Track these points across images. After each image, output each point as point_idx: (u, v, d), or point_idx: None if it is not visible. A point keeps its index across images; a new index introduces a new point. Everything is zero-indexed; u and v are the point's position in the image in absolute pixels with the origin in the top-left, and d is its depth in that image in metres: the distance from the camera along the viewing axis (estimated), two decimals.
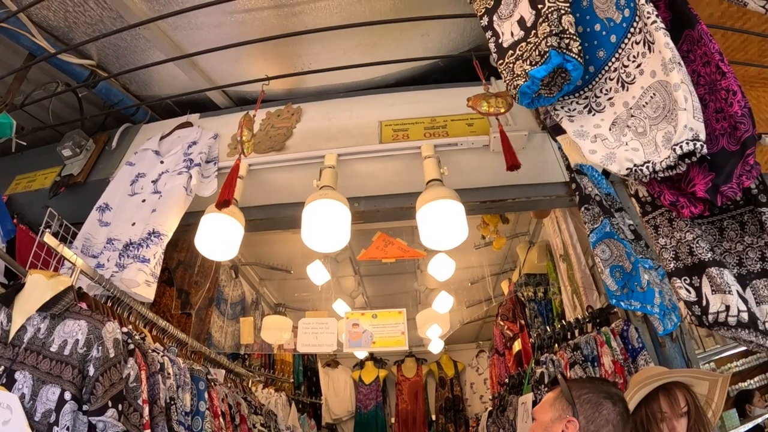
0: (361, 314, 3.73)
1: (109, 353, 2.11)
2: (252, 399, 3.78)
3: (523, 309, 5.13)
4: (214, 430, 2.74)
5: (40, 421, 1.96)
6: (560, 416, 1.83)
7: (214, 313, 4.59)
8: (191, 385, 2.73)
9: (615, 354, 2.81)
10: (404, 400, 8.21)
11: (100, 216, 3.12)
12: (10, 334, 2.16)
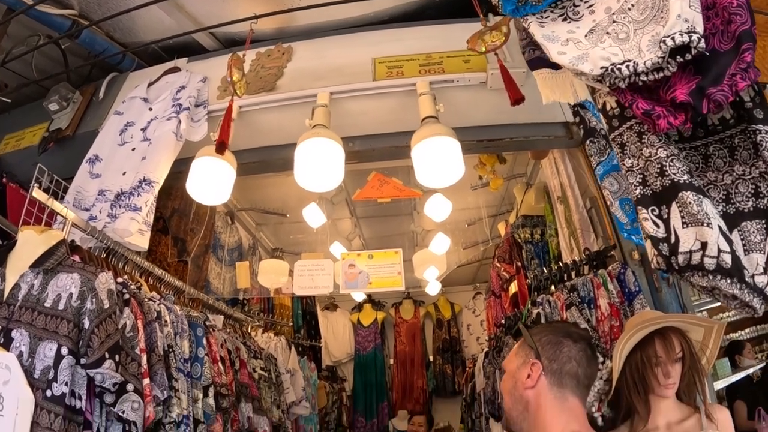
0: (357, 255, 3.69)
1: (103, 304, 2.08)
2: (251, 343, 3.77)
3: (519, 251, 5.10)
4: (213, 376, 2.73)
5: (40, 378, 1.95)
6: (524, 361, 1.84)
7: (211, 259, 4.57)
8: (189, 331, 2.71)
9: (611, 297, 2.78)
10: (402, 341, 8.30)
11: (91, 168, 3.06)
12: (4, 294, 2.14)
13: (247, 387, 3.17)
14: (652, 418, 2.22)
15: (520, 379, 1.81)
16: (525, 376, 1.79)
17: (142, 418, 2.10)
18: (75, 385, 1.98)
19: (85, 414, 2.02)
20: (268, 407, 3.46)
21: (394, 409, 8.00)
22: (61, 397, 1.92)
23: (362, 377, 8.09)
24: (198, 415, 2.56)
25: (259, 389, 3.37)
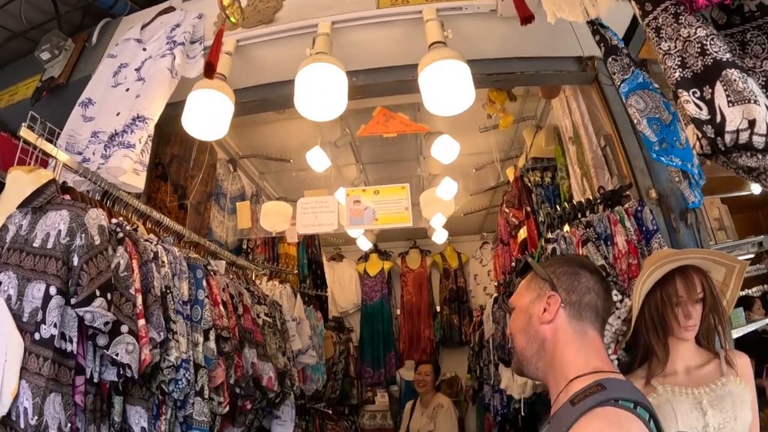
0: (363, 191, 3.57)
1: (93, 240, 1.98)
2: (255, 289, 3.67)
3: (529, 195, 4.96)
4: (214, 319, 2.63)
5: (28, 321, 1.88)
6: (539, 295, 1.69)
7: (213, 207, 4.47)
8: (188, 274, 2.60)
9: (629, 234, 2.66)
10: (409, 291, 8.22)
11: (84, 111, 2.97)
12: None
13: (251, 333, 3.08)
14: (671, 362, 2.13)
15: (535, 314, 1.67)
16: (541, 310, 1.65)
17: (137, 361, 2.01)
18: (65, 327, 1.90)
19: (77, 358, 1.94)
20: (273, 354, 3.37)
21: (401, 360, 7.98)
22: (49, 339, 1.84)
23: (369, 327, 8.05)
24: (199, 360, 2.46)
25: (263, 335, 3.28)
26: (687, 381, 2.11)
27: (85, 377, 2.00)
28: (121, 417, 2.20)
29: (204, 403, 2.46)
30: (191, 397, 2.42)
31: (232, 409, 3.02)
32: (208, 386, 2.51)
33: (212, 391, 2.60)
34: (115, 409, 2.17)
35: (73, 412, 1.94)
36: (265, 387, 3.10)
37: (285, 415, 4.00)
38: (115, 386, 2.18)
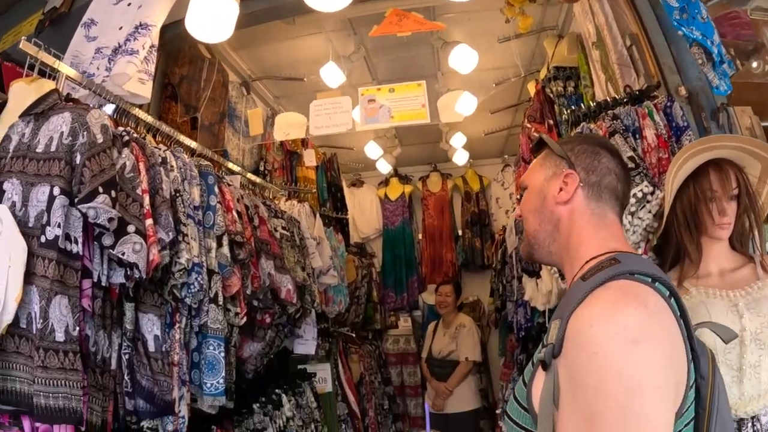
0: (377, 89, 3.44)
1: (96, 138, 1.91)
2: (272, 204, 3.59)
3: (551, 107, 4.76)
4: (227, 224, 2.54)
5: (34, 225, 1.85)
6: (555, 173, 1.52)
7: (227, 130, 4.37)
8: (199, 180, 2.50)
9: (658, 128, 2.51)
10: (430, 215, 8.10)
11: (86, 32, 2.86)
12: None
13: (268, 244, 2.99)
14: (704, 264, 2.04)
15: (550, 193, 1.50)
16: (557, 189, 1.49)
17: (144, 260, 1.95)
18: (69, 228, 1.84)
19: (83, 260, 1.89)
20: (292, 267, 3.29)
21: (423, 284, 7.92)
22: (53, 240, 1.79)
23: (391, 252, 7.97)
24: (212, 266, 2.39)
25: (281, 248, 3.20)
26: (721, 283, 2.01)
27: (92, 281, 1.96)
28: (134, 325, 2.17)
29: (219, 310, 2.40)
30: (205, 304, 2.37)
31: (251, 324, 3.00)
32: (223, 294, 2.46)
33: (228, 301, 2.55)
34: (127, 317, 2.14)
35: (82, 317, 1.90)
36: (284, 300, 3.04)
37: (307, 334, 3.97)
38: (125, 292, 2.14)
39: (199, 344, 2.46)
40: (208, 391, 2.45)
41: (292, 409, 3.53)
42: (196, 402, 2.52)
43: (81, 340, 1.91)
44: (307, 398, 3.92)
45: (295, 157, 5.47)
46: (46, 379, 1.75)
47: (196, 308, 2.38)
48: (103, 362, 2.05)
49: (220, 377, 2.45)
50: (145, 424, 2.31)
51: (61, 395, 1.77)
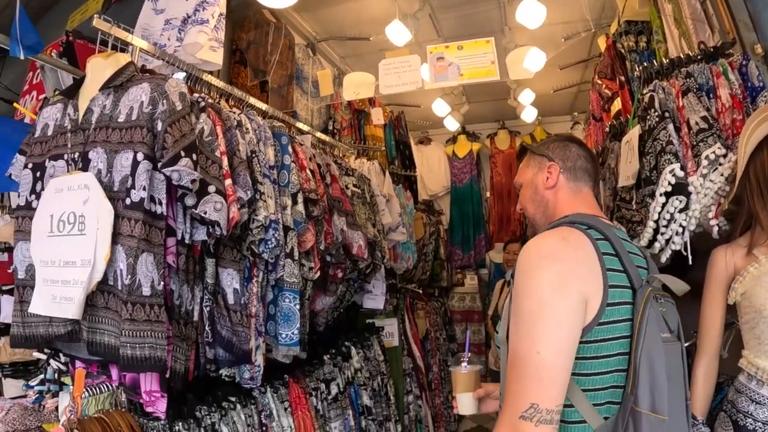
0: (446, 47, 3.43)
1: (175, 106, 1.98)
2: (342, 162, 3.66)
3: (622, 63, 4.62)
4: (301, 182, 2.63)
5: (119, 189, 1.95)
6: (540, 168, 1.95)
7: (296, 91, 4.44)
8: (273, 140, 2.58)
9: (733, 87, 2.43)
10: (498, 173, 8.04)
11: (154, 5, 2.92)
12: (78, 121, 2.12)
13: (340, 201, 3.07)
14: None
15: (539, 183, 1.92)
16: (544, 179, 1.91)
17: (225, 218, 2.05)
18: (153, 190, 1.94)
19: (167, 220, 1.99)
20: (363, 223, 3.37)
21: (491, 242, 7.95)
22: (139, 202, 1.90)
23: (459, 210, 7.97)
24: (288, 222, 2.49)
25: (352, 205, 3.27)
26: None
27: (177, 238, 2.07)
28: (214, 279, 2.28)
29: (294, 264, 2.50)
30: (281, 259, 2.46)
31: (324, 278, 3.09)
32: (298, 250, 2.55)
33: (303, 256, 2.64)
34: (208, 272, 2.25)
35: (167, 273, 2.02)
36: (355, 255, 3.12)
37: (376, 290, 4.06)
38: (207, 249, 2.24)
39: (275, 297, 2.58)
40: (283, 341, 2.57)
41: (360, 362, 3.64)
42: (271, 352, 2.65)
43: (166, 294, 2.02)
44: (375, 351, 4.03)
45: (362, 116, 5.51)
46: (134, 331, 1.87)
47: (273, 263, 2.48)
48: (186, 314, 2.18)
49: (294, 328, 2.56)
50: (224, 371, 2.46)
51: (147, 345, 1.88)
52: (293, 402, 2.85)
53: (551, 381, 1.39)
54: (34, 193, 2.19)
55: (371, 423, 3.52)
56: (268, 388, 2.74)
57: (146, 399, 2.10)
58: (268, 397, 2.71)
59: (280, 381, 2.87)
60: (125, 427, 2.16)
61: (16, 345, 2.20)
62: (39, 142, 2.23)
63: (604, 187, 3.63)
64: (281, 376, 2.91)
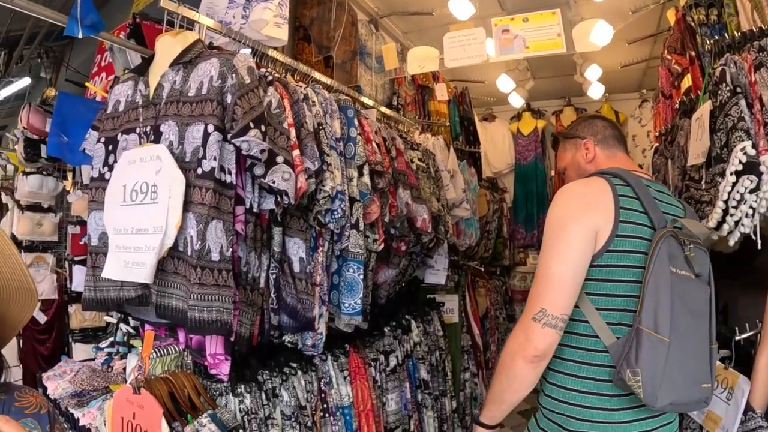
0: (511, 19, 3.37)
1: (244, 79, 2.03)
2: (407, 136, 3.67)
3: (693, 37, 4.43)
4: (367, 155, 2.65)
5: (191, 159, 2.01)
6: (575, 148, 2.26)
7: (359, 66, 4.45)
8: (339, 113, 2.61)
9: None
10: None
11: None
12: (149, 96, 2.20)
13: (405, 174, 3.08)
14: None
15: (580, 160, 2.23)
16: (584, 155, 2.21)
17: (293, 188, 2.09)
18: (223, 161, 2.00)
19: (236, 189, 2.05)
20: (427, 197, 3.38)
21: None
22: (210, 172, 1.96)
23: (523, 188, 7.86)
24: (353, 194, 2.52)
25: (417, 179, 3.29)
26: None
27: (245, 207, 2.12)
28: (281, 248, 2.34)
29: (359, 236, 2.53)
30: (347, 229, 2.50)
31: (387, 251, 3.12)
32: (363, 221, 2.59)
33: (368, 228, 2.68)
34: (275, 240, 2.31)
35: (235, 240, 2.08)
36: (419, 229, 3.13)
37: (438, 265, 4.06)
38: (274, 218, 2.30)
39: (339, 267, 2.62)
40: (345, 310, 2.62)
41: (419, 335, 3.66)
42: (333, 321, 2.70)
43: (234, 261, 2.09)
44: (435, 326, 4.03)
45: (426, 92, 5.49)
46: (202, 295, 1.94)
47: (338, 233, 2.53)
48: (253, 281, 2.24)
49: (357, 298, 2.61)
50: (287, 338, 2.54)
51: (215, 309, 1.95)
52: (352, 371, 2.91)
53: (560, 291, 1.72)
54: (106, 166, 2.29)
55: (427, 397, 3.54)
56: (328, 356, 2.80)
57: (211, 361, 2.19)
58: (329, 365, 2.78)
59: (340, 350, 2.92)
60: (190, 387, 2.25)
61: (88, 308, 2.29)
62: (111, 118, 2.34)
63: (673, 167, 3.53)
64: (342, 346, 2.96)
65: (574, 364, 1.80)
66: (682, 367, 1.65)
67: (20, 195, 5.26)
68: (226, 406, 2.29)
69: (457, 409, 4.12)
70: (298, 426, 2.46)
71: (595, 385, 1.76)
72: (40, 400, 1.40)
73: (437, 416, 3.62)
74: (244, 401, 2.31)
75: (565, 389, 1.82)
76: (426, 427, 3.52)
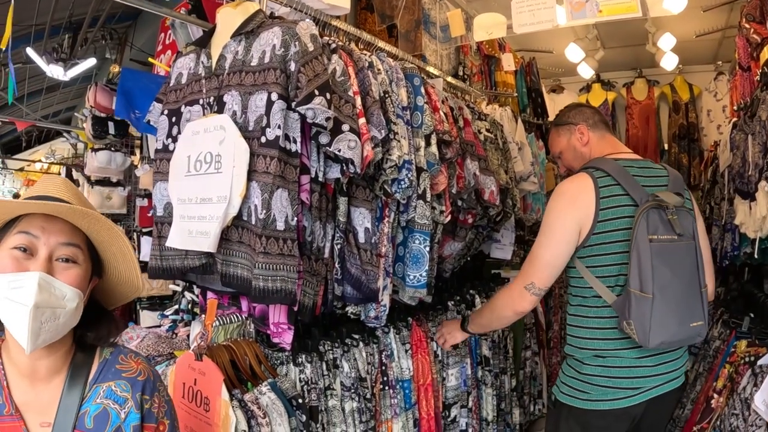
0: None
1: (307, 47, 2.00)
2: (475, 107, 3.57)
3: None
4: (435, 124, 2.57)
5: (254, 128, 2.00)
6: (571, 133, 2.56)
7: (424, 36, 4.36)
8: (405, 82, 2.54)
9: None
10: (634, 125, 7.53)
11: None
12: (212, 68, 2.20)
13: (473, 145, 2.99)
14: None
15: (576, 144, 2.54)
16: (578, 138, 2.52)
17: (359, 156, 2.05)
18: (288, 129, 1.97)
19: (301, 158, 2.03)
20: (495, 169, 3.29)
21: None
22: (274, 140, 1.94)
23: None
24: (421, 163, 2.45)
25: (485, 150, 3.20)
26: None
27: (310, 176, 2.10)
28: (346, 218, 2.31)
29: (426, 206, 2.47)
30: (413, 200, 2.44)
31: (454, 223, 3.07)
32: (431, 192, 2.53)
33: (434, 199, 2.62)
34: (340, 210, 2.28)
35: (300, 209, 2.06)
36: (487, 201, 3.06)
37: (505, 239, 3.99)
38: (339, 187, 2.27)
39: (405, 238, 2.57)
40: (410, 282, 2.57)
41: None
42: (397, 293, 2.66)
43: (298, 230, 2.07)
44: None
45: (493, 62, 5.34)
46: (267, 264, 1.93)
47: (405, 204, 2.46)
48: (317, 251, 2.22)
49: (423, 270, 2.55)
50: (350, 309, 2.51)
51: (279, 278, 1.94)
52: (414, 345, 2.89)
53: (546, 271, 2.29)
54: (170, 137, 2.33)
55: (487, 374, 3.50)
56: (391, 328, 2.78)
57: (274, 330, 2.19)
58: (391, 337, 2.76)
59: (403, 323, 2.90)
60: (251, 355, 2.29)
61: (154, 276, 2.34)
62: (174, 90, 2.36)
63: (753, 143, 3.35)
64: (405, 319, 2.94)
65: (585, 318, 2.32)
66: (666, 313, 2.06)
67: (89, 170, 5.51)
68: (286, 375, 2.31)
69: (516, 387, 4.06)
70: (357, 397, 2.46)
71: (602, 332, 2.26)
72: (142, 366, 1.45)
73: (496, 394, 3.58)
74: (305, 371, 2.32)
75: (580, 338, 2.33)
76: (484, 404, 3.48)
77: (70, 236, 1.32)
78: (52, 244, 1.29)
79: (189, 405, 2.18)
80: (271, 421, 2.05)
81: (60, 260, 1.30)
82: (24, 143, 13.16)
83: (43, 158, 13.97)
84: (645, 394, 2.23)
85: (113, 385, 1.37)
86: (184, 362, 2.24)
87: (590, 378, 2.26)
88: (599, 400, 2.23)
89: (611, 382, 2.22)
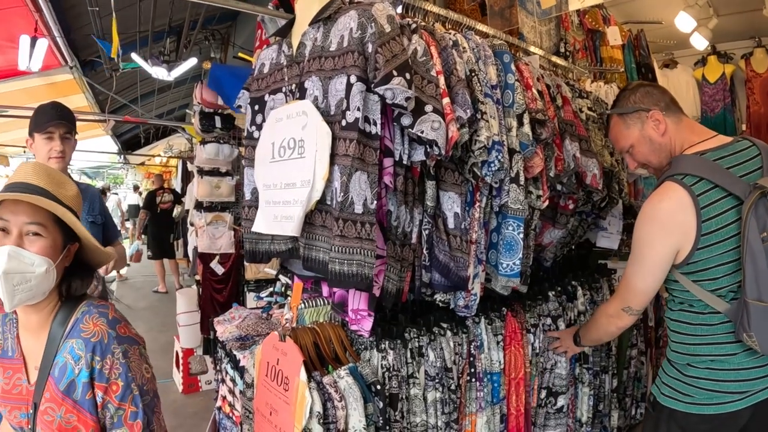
0: None
1: (384, 28, 1.99)
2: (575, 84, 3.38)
3: None
4: (527, 102, 2.43)
5: (335, 112, 2.04)
6: (642, 122, 2.22)
7: (520, 13, 4.18)
8: (494, 59, 2.42)
9: None
10: (756, 101, 6.88)
11: None
12: (293, 55, 2.28)
13: (573, 125, 2.82)
14: None
15: (652, 134, 2.20)
16: (654, 127, 2.19)
17: (444, 137, 1.99)
18: (368, 111, 1.98)
19: (383, 141, 2.02)
20: (599, 150, 3.09)
21: None
22: (354, 122, 1.95)
23: None
24: (513, 145, 2.32)
25: (587, 130, 3.01)
26: None
27: (394, 159, 2.07)
28: (434, 202, 2.26)
29: (520, 190, 2.35)
30: (506, 183, 2.34)
31: (553, 209, 2.95)
32: (525, 175, 2.40)
33: (530, 183, 2.51)
34: (428, 194, 2.24)
35: (383, 193, 2.05)
36: (589, 186, 2.87)
37: (612, 227, 3.75)
38: (426, 171, 2.22)
39: (498, 224, 2.46)
40: (503, 271, 2.46)
41: (585, 304, 3.38)
42: (489, 282, 2.56)
43: (382, 215, 2.06)
44: (603, 296, 3.69)
45: (597, 36, 5.06)
46: (343, 247, 1.95)
47: (497, 188, 2.37)
48: (404, 236, 2.18)
49: (516, 258, 2.43)
50: (438, 296, 2.45)
51: (355, 262, 1.94)
52: (508, 336, 2.76)
53: (641, 297, 2.21)
54: (254, 125, 2.45)
55: (585, 372, 3.26)
56: (482, 318, 2.67)
57: (352, 317, 2.23)
58: (482, 327, 2.64)
59: (496, 313, 2.78)
60: (335, 339, 2.32)
61: (248, 260, 2.46)
62: (257, 80, 2.48)
63: None
64: (499, 309, 2.81)
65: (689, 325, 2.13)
66: None
67: (199, 162, 6.00)
68: (369, 360, 2.28)
69: (617, 387, 3.76)
70: (441, 387, 2.39)
71: (711, 338, 2.08)
72: (98, 328, 1.64)
73: (594, 393, 3.34)
74: (387, 357, 2.28)
75: (684, 344, 2.15)
76: (579, 404, 3.27)
77: (34, 216, 1.57)
78: (19, 223, 1.55)
79: (271, 383, 2.24)
80: (347, 405, 2.06)
81: (29, 234, 1.56)
82: (142, 140, 14.10)
83: (162, 152, 14.87)
84: (752, 397, 2.04)
85: (74, 343, 1.60)
86: (269, 342, 2.30)
87: (695, 381, 2.11)
88: (704, 404, 2.07)
89: (718, 386, 2.06)
